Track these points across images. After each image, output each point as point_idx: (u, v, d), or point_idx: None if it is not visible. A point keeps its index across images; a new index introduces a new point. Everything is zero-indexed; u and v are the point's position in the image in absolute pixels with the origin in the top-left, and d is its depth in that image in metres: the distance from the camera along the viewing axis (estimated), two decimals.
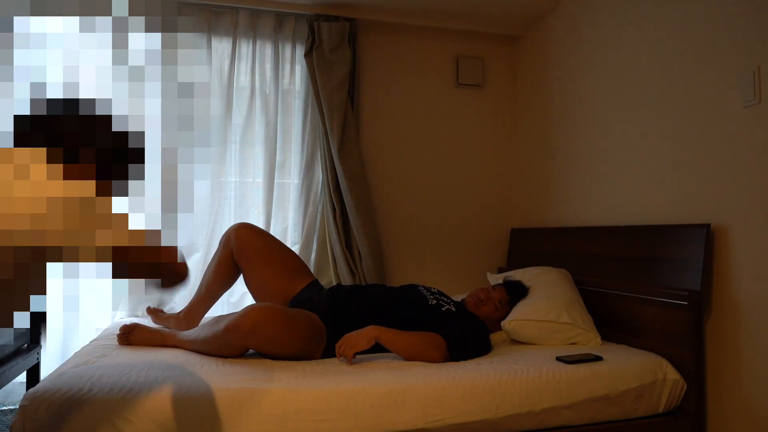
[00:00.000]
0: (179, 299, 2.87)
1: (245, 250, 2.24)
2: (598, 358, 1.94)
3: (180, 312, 2.28)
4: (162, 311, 2.36)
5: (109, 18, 1.88)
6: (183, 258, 1.21)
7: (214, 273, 2.27)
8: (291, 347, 1.88)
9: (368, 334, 1.89)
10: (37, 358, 2.37)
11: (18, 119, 1.07)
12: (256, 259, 2.24)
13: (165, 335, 2.04)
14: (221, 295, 2.35)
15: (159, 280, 1.19)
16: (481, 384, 1.70)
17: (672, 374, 1.91)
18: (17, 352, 2.18)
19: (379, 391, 1.62)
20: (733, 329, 1.93)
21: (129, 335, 2.00)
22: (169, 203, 2.43)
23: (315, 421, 1.54)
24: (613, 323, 2.31)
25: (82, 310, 2.69)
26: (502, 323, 2.26)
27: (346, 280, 3.00)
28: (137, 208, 2.40)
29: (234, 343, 1.84)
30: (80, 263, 1.24)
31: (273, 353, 1.88)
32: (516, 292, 2.37)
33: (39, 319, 2.38)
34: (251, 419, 1.51)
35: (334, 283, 3.03)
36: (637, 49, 2.43)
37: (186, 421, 1.48)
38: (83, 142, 1.10)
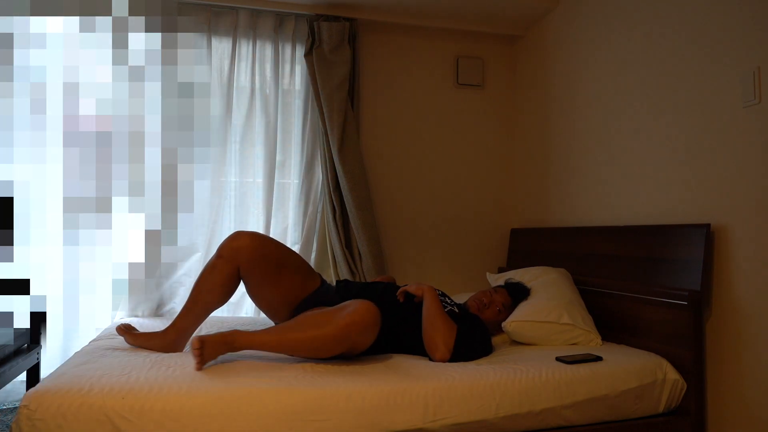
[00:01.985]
0: (179, 300, 2.87)
1: (259, 265, 2.02)
2: (598, 358, 1.94)
3: (167, 329, 1.99)
4: (134, 328, 2.05)
5: (109, 18, 1.88)
6: None
7: (215, 287, 2.01)
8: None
9: (427, 285, 2.10)
10: (37, 358, 2.37)
11: None
12: (269, 273, 2.05)
13: (235, 338, 1.78)
14: (217, 308, 2.10)
15: None
16: (481, 384, 1.70)
17: (672, 374, 1.91)
18: (17, 352, 2.18)
19: (379, 391, 1.62)
20: (733, 329, 1.93)
21: (203, 354, 1.69)
22: (169, 203, 2.43)
23: (315, 420, 1.54)
24: (613, 323, 2.31)
25: (82, 310, 2.68)
26: (503, 324, 2.26)
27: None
28: (137, 208, 2.40)
29: (352, 339, 1.76)
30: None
31: (363, 350, 1.86)
32: (518, 294, 2.37)
33: (39, 319, 2.38)
34: (252, 419, 1.51)
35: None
36: (637, 49, 2.43)
37: (186, 420, 1.48)
38: None
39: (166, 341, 1.95)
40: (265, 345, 1.80)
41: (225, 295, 2.03)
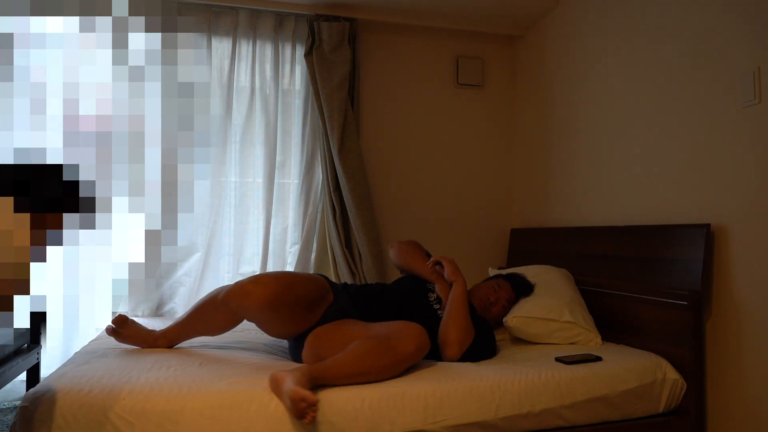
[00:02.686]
0: (179, 300, 2.88)
1: (268, 318, 1.89)
2: (598, 359, 1.94)
3: (158, 338, 1.98)
4: (128, 322, 1.99)
5: (109, 18, 1.88)
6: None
7: (215, 325, 1.97)
8: None
9: (462, 277, 2.08)
10: (37, 358, 2.37)
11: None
12: (279, 320, 1.90)
13: (316, 378, 1.62)
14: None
15: None
16: (481, 385, 1.70)
17: (671, 374, 1.91)
18: (17, 352, 2.18)
19: (379, 392, 1.62)
20: (733, 329, 1.93)
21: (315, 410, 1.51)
22: (169, 203, 2.43)
23: (314, 423, 1.54)
24: (613, 323, 2.31)
25: (82, 310, 2.68)
26: (504, 319, 2.26)
27: (346, 280, 3.00)
28: (137, 208, 2.40)
29: (416, 361, 1.77)
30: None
31: None
32: (522, 289, 2.34)
33: (39, 319, 2.38)
34: (251, 420, 1.51)
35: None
36: (637, 49, 2.43)
37: (187, 422, 1.48)
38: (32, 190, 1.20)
39: (158, 343, 1.98)
40: (341, 379, 1.67)
41: (224, 331, 2.01)
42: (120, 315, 2.00)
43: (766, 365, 1.82)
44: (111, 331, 1.97)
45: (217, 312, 1.91)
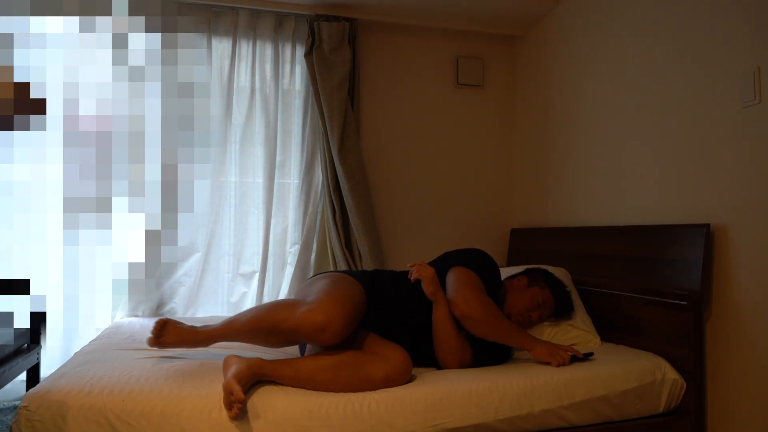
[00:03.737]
0: (179, 300, 2.88)
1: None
2: (590, 354, 1.94)
3: (203, 339, 1.83)
4: (170, 326, 1.81)
5: (109, 18, 1.88)
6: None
7: (267, 343, 1.85)
8: None
9: (438, 292, 1.93)
10: (37, 358, 2.37)
11: None
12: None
13: (265, 372, 1.62)
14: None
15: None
16: (480, 387, 1.70)
17: (671, 374, 1.91)
18: (17, 352, 2.19)
19: (378, 395, 1.61)
20: (733, 329, 1.93)
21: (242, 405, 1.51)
22: (169, 203, 2.43)
23: (314, 426, 1.53)
24: (613, 323, 2.31)
25: (82, 310, 2.68)
26: None
27: None
28: (137, 208, 2.40)
29: (376, 389, 1.69)
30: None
31: None
32: (562, 315, 2.23)
33: (39, 319, 2.38)
34: (252, 424, 1.51)
35: None
36: (636, 49, 2.43)
37: (186, 424, 1.48)
38: None
39: (201, 346, 1.86)
40: (291, 381, 1.65)
41: (275, 347, 1.90)
42: (159, 320, 1.80)
43: (766, 365, 1.82)
44: (153, 342, 1.77)
45: (278, 334, 1.78)
